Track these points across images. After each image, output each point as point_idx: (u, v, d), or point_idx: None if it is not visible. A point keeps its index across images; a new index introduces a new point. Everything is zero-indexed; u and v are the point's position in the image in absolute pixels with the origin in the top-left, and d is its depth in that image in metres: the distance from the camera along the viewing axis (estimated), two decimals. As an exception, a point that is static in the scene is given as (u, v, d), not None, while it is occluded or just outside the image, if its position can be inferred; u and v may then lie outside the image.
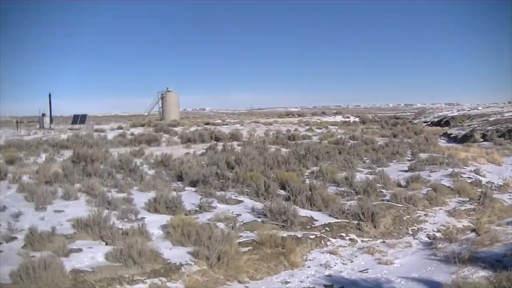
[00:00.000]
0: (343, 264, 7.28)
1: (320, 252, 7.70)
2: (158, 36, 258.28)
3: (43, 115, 52.14)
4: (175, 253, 6.85)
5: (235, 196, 10.85)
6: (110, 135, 31.60)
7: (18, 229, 7.74)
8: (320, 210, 9.63)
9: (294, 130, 34.30)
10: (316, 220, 8.92)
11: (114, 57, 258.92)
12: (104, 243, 7.26)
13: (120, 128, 42.19)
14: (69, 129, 46.36)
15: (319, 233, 8.31)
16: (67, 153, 19.79)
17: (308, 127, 38.88)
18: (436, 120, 46.04)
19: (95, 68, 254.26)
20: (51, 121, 51.86)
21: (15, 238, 7.36)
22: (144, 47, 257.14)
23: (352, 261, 7.38)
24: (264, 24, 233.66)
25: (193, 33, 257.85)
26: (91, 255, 6.61)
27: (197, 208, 9.62)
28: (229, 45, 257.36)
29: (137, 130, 36.85)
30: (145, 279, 5.97)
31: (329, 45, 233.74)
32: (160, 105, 62.25)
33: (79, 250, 6.83)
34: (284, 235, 7.76)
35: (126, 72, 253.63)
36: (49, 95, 54.03)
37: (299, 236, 7.97)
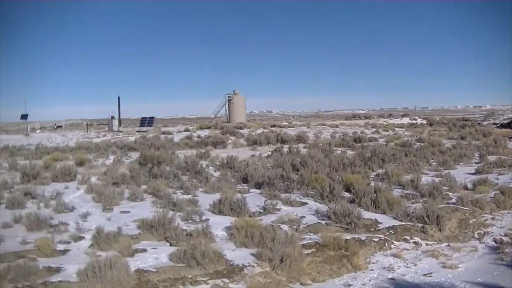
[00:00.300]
0: (407, 267, 7.24)
1: (384, 255, 7.68)
2: (227, 39, 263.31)
3: (112, 117, 54.81)
4: (238, 255, 7.00)
5: (300, 198, 10.97)
6: (177, 138, 32.71)
7: (86, 229, 8.25)
8: (384, 213, 9.64)
9: (361, 132, 34.42)
10: (380, 223, 8.93)
11: (181, 60, 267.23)
12: (169, 244, 7.56)
13: (187, 130, 43.58)
14: (137, 131, 48.37)
15: (383, 235, 8.30)
16: (135, 155, 20.72)
17: (374, 129, 38.97)
18: (506, 122, 43.85)
19: (163, 71, 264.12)
20: (119, 124, 54.39)
21: (83, 237, 7.84)
22: (212, 50, 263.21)
23: (415, 265, 7.33)
24: (333, 27, 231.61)
25: (261, 36, 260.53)
26: (155, 255, 6.90)
27: (262, 210, 9.79)
28: (296, 48, 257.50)
29: (204, 133, 37.91)
30: (207, 280, 6.15)
31: (396, 47, 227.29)
32: (227, 108, 63.53)
33: (144, 250, 7.15)
34: (348, 238, 7.78)
35: (194, 75, 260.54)
36: (118, 98, 56.72)
37: (363, 238, 7.98)
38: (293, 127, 45.47)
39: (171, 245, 7.46)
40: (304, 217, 9.27)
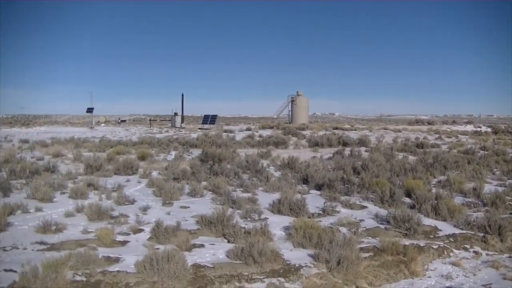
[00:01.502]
0: (465, 276, 7.10)
1: (442, 263, 7.57)
2: (292, 38, 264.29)
3: (175, 114, 56.26)
4: (295, 255, 7.01)
5: (360, 202, 10.98)
6: (239, 136, 33.26)
7: (145, 222, 8.53)
8: (444, 220, 9.52)
9: (423, 138, 34.38)
10: (440, 230, 8.83)
11: (246, 59, 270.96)
12: (226, 240, 7.67)
13: (249, 129, 44.17)
14: (199, 128, 49.41)
15: (442, 243, 8.18)
16: (196, 152, 21.18)
17: (437, 135, 39.00)
18: None
19: (227, 69, 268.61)
20: (182, 121, 55.74)
21: (142, 230, 8.11)
22: (277, 49, 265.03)
23: (475, 274, 7.17)
24: (400, 29, 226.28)
25: (326, 37, 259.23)
26: (212, 251, 7.02)
27: (321, 212, 9.82)
28: (362, 50, 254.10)
29: (266, 132, 38.37)
30: (263, 278, 6.20)
31: (461, 52, 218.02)
32: (290, 109, 63.90)
33: (202, 245, 7.29)
34: (406, 243, 7.73)
35: (258, 74, 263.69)
36: (182, 95, 58.09)
37: (422, 245, 7.89)
38: (355, 130, 45.71)
39: (228, 242, 7.57)
40: (363, 220, 9.27)
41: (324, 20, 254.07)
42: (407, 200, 11.13)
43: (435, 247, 7.90)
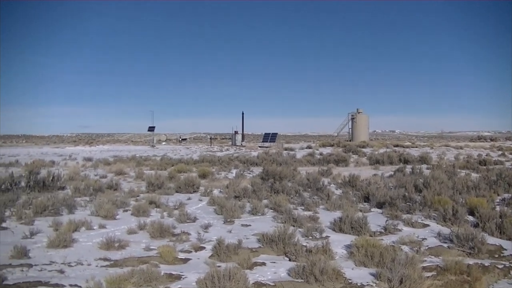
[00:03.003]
0: None
1: (508, 283, 7.31)
2: (351, 57, 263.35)
3: (236, 132, 57.07)
4: (357, 274, 6.96)
5: (422, 220, 10.81)
6: (299, 154, 33.43)
7: (207, 240, 8.68)
8: (510, 239, 9.19)
9: (486, 155, 33.53)
10: (505, 249, 8.54)
11: (305, 76, 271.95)
12: (288, 259, 7.68)
13: (309, 147, 44.29)
14: (260, 146, 49.82)
15: (507, 263, 7.90)
16: (257, 170, 21.40)
17: (500, 152, 38.32)
18: None
19: (286, 87, 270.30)
20: (242, 139, 56.47)
21: (204, 248, 8.25)
22: (335, 68, 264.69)
23: None
24: (458, 46, 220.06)
25: (386, 55, 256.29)
26: (274, 269, 7.05)
27: (382, 230, 9.72)
28: (421, 66, 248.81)
29: (326, 150, 38.43)
30: (326, 297, 6.21)
31: None
32: (350, 126, 63.61)
33: (263, 264, 7.33)
34: (470, 263, 7.56)
35: (317, 92, 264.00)
36: (242, 113, 59.00)
37: (486, 264, 7.68)
38: (416, 147, 45.56)
39: (290, 260, 7.58)
40: (426, 239, 9.11)
41: (384, 37, 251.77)
42: (470, 218, 10.88)
43: (500, 266, 7.67)
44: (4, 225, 9.68)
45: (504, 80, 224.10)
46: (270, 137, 53.75)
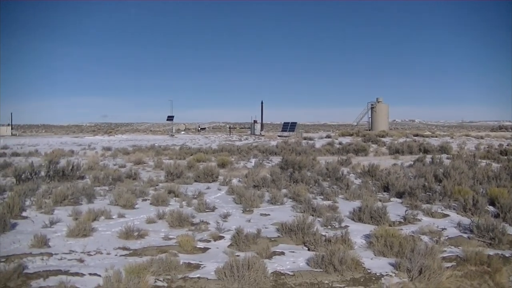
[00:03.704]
0: None
1: None
2: (370, 46, 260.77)
3: (255, 121, 57.14)
4: (376, 263, 6.95)
5: (441, 210, 10.78)
6: (318, 144, 33.45)
7: (226, 229, 8.71)
8: None
9: (507, 145, 33.38)
10: None
11: (324, 66, 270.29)
12: (306, 248, 7.68)
13: (328, 137, 44.31)
14: (279, 136, 49.81)
15: None
16: (276, 159, 21.43)
17: None
18: None
19: (306, 77, 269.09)
20: (261, 128, 56.50)
21: (223, 237, 8.29)
22: (355, 56, 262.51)
23: None
24: (478, 34, 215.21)
25: (405, 43, 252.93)
26: (292, 259, 7.07)
27: (402, 220, 9.69)
28: (441, 54, 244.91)
29: (345, 139, 38.50)
30: (344, 286, 6.14)
31: None
32: (370, 115, 63.28)
33: (282, 253, 7.35)
34: (491, 253, 7.46)
35: (336, 81, 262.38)
36: (261, 103, 58.94)
37: (507, 255, 7.60)
38: (436, 137, 45.43)
39: (309, 249, 7.59)
40: (445, 229, 9.07)
41: (404, 26, 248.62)
42: (491, 208, 10.79)
43: (520, 257, 7.59)
44: (24, 214, 9.85)
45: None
46: (289, 127, 53.68)
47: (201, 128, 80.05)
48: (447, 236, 8.57)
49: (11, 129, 62.95)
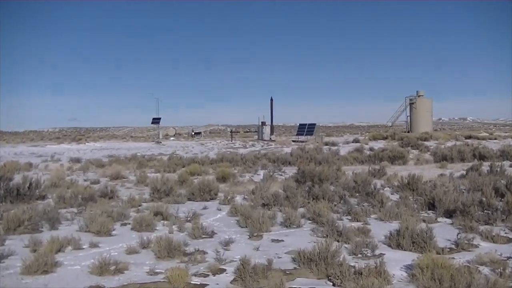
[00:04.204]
0: None
1: None
2: (407, 31, 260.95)
3: (263, 124, 57.21)
4: (421, 304, 6.88)
5: (505, 233, 10.66)
6: (344, 150, 33.66)
7: (228, 260, 8.63)
8: None
9: None
10: None
11: (347, 56, 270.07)
12: (331, 283, 7.59)
13: (356, 141, 44.30)
14: (293, 141, 49.87)
15: None
16: (290, 171, 21.45)
17: None
18: None
19: (325, 69, 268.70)
20: (271, 132, 56.61)
21: (224, 270, 8.21)
22: (387, 44, 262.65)
23: None
24: None
25: (447, 27, 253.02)
26: (314, 297, 7.07)
27: (453, 246, 9.60)
28: (494, 40, 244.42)
29: (378, 144, 38.70)
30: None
31: None
32: (408, 114, 63.31)
33: (300, 290, 7.35)
34: None
35: (364, 73, 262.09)
36: (271, 100, 59.05)
37: None
38: (495, 139, 44.92)
39: (334, 284, 7.52)
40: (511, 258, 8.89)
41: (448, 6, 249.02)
42: None
43: None
44: (-34, 246, 9.79)
45: None
46: (306, 129, 53.66)
47: (195, 133, 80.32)
48: (514, 267, 8.44)
49: None
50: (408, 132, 57.21)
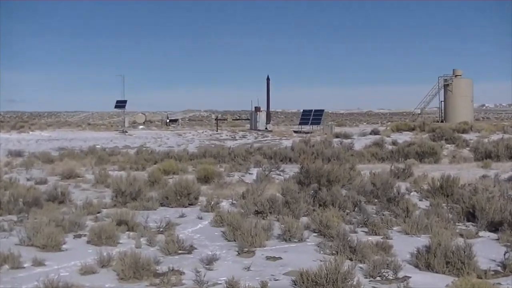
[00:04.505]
0: None
1: None
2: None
3: (257, 109, 57.13)
4: None
5: None
6: (359, 143, 33.78)
7: (210, 282, 8.59)
8: None
9: None
10: None
11: (365, 23, 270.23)
12: (343, 313, 7.68)
13: (375, 132, 44.27)
14: (295, 131, 50.01)
15: None
16: (291, 169, 21.46)
17: None
18: None
19: (335, 39, 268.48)
20: (268, 120, 56.57)
21: (205, 295, 8.32)
22: (414, 13, 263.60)
23: None
24: None
25: None
26: (320, 332, 7.06)
27: (499, 268, 9.57)
28: None
29: (403, 137, 38.83)
30: None
31: None
32: (442, 99, 63.26)
33: (302, 322, 7.36)
34: None
35: (384, 47, 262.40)
36: (267, 79, 59.04)
37: None
38: None
39: (346, 316, 7.55)
40: None
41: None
42: None
43: None
44: None
45: None
46: (312, 117, 53.68)
47: (170, 120, 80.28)
48: None
49: None
50: (442, 122, 57.27)
